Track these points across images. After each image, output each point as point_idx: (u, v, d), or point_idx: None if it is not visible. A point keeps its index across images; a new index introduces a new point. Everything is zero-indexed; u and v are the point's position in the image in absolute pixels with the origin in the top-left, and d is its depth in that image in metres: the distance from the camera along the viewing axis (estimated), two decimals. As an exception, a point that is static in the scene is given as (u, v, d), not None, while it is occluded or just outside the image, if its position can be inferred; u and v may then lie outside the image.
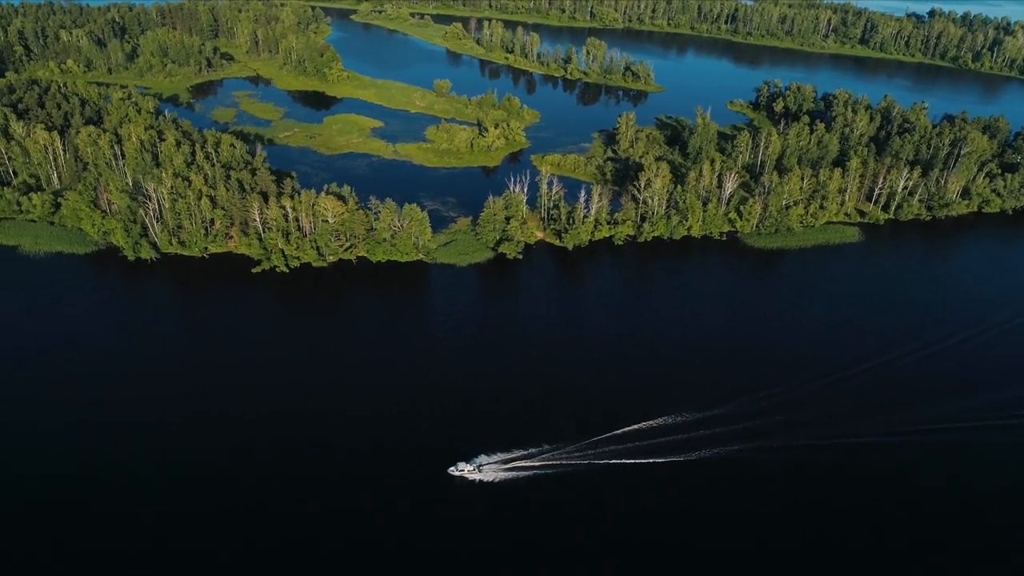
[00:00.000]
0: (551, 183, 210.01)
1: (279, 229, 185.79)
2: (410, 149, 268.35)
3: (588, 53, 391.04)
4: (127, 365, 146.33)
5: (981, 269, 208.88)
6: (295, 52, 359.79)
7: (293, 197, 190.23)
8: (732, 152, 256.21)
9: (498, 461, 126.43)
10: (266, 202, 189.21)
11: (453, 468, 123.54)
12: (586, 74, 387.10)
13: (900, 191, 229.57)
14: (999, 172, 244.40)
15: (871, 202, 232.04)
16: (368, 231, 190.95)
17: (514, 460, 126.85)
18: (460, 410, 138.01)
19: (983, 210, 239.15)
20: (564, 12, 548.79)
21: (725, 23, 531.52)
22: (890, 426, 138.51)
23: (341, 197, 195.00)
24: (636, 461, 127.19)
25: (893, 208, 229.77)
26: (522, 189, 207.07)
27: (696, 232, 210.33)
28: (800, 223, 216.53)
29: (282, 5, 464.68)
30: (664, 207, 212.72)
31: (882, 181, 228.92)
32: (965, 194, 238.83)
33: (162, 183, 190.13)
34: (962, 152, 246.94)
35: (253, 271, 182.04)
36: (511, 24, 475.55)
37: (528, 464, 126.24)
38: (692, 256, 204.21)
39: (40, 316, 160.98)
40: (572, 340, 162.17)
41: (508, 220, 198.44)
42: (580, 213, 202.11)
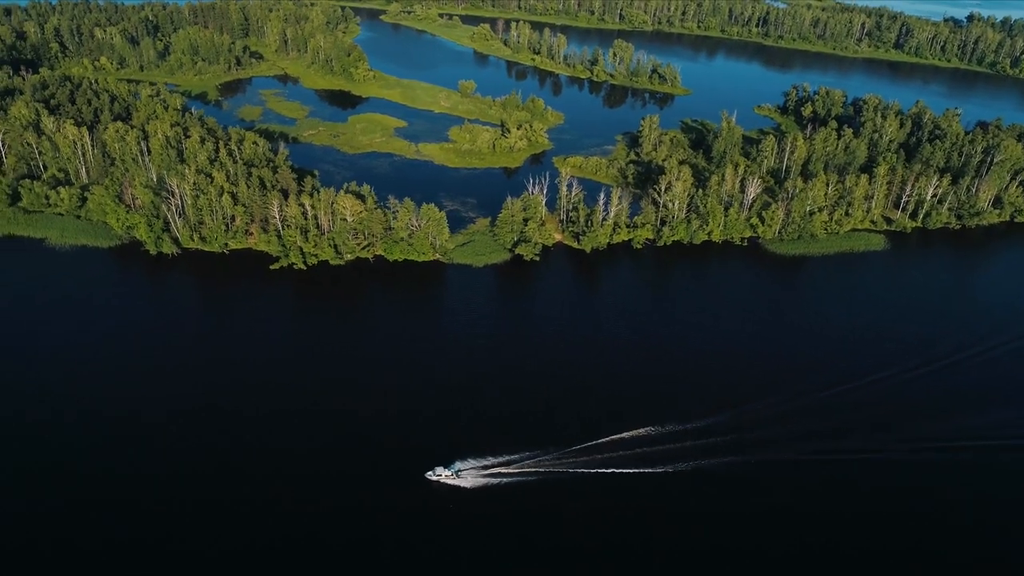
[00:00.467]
0: (571, 185, 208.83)
1: (298, 227, 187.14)
2: (432, 149, 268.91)
3: (615, 55, 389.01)
4: (141, 359, 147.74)
5: (1011, 280, 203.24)
6: (323, 51, 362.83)
7: (312, 195, 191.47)
8: (757, 156, 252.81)
9: (478, 467, 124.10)
10: (286, 200, 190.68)
11: (431, 473, 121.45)
12: (612, 76, 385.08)
13: (929, 199, 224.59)
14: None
15: (898, 209, 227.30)
16: (386, 230, 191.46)
17: (494, 466, 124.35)
18: (456, 413, 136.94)
19: (1015, 220, 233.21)
20: (593, 14, 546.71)
21: (756, 26, 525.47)
22: (898, 441, 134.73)
23: (360, 196, 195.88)
24: (621, 471, 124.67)
25: (921, 216, 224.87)
26: (541, 191, 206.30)
27: (717, 237, 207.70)
28: (824, 230, 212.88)
29: (312, 5, 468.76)
30: (684, 211, 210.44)
31: (910, 188, 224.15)
32: (997, 203, 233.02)
33: (185, 179, 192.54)
34: (995, 160, 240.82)
35: (271, 268, 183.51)
36: (539, 26, 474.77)
37: (508, 471, 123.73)
38: (712, 261, 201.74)
39: (61, 308, 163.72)
40: (583, 343, 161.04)
41: (526, 222, 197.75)
42: (599, 216, 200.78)
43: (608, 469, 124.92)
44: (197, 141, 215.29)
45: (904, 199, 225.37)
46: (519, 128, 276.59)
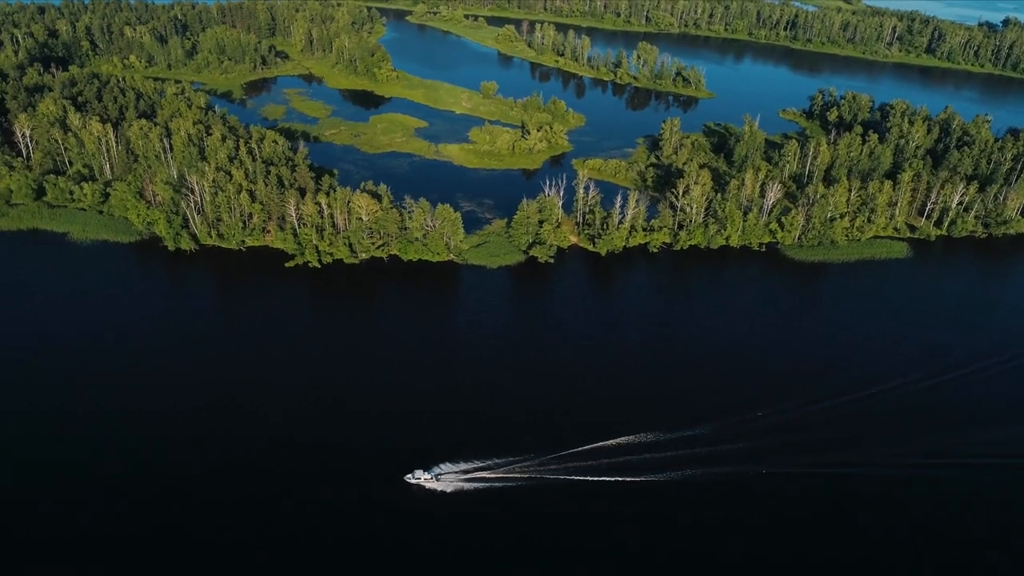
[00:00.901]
0: (588, 187, 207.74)
1: (313, 225, 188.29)
2: (452, 150, 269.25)
3: (639, 57, 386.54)
4: (154, 354, 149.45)
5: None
6: (347, 51, 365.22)
7: (328, 194, 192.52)
8: (779, 161, 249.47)
9: (459, 471, 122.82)
10: (303, 198, 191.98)
11: (410, 476, 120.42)
12: (636, 79, 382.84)
13: (955, 206, 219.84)
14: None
15: (923, 217, 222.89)
16: (401, 230, 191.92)
17: (476, 471, 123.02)
18: (454, 414, 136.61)
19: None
20: (619, 16, 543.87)
21: (784, 29, 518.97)
22: (893, 455, 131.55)
23: (376, 195, 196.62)
24: (603, 479, 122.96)
25: (946, 224, 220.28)
26: (557, 192, 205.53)
27: (735, 242, 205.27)
28: (845, 236, 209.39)
29: (338, 5, 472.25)
30: (703, 215, 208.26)
31: (936, 195, 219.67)
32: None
33: (204, 176, 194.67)
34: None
35: (286, 265, 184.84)
36: (563, 27, 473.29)
37: (490, 475, 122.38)
38: (728, 266, 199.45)
39: (79, 302, 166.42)
40: (591, 346, 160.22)
41: (541, 224, 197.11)
42: (615, 219, 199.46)
43: (592, 477, 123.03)
44: (218, 139, 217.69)
45: (929, 206, 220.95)
46: (539, 130, 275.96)
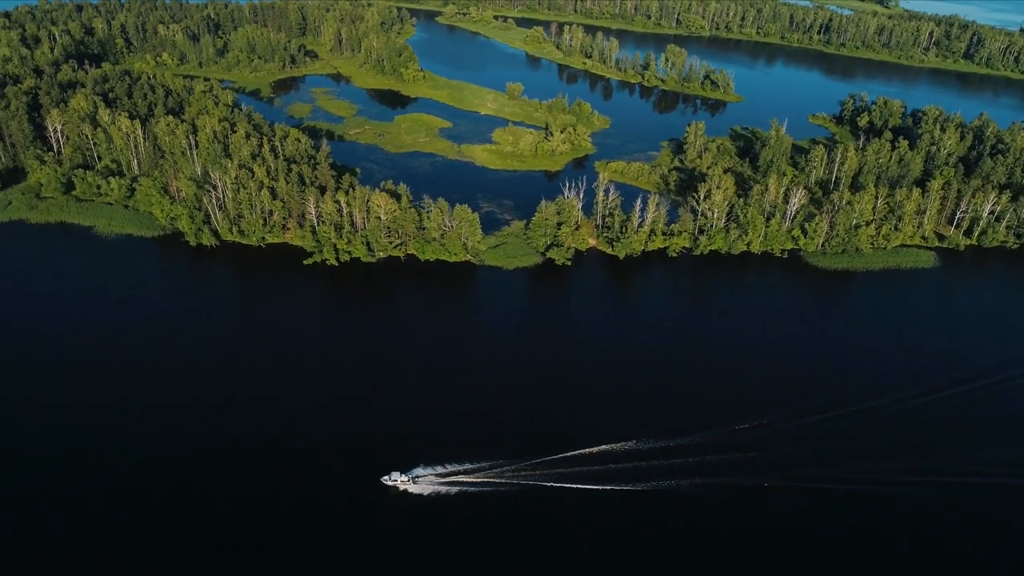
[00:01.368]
0: (608, 190, 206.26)
1: (332, 223, 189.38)
2: (474, 150, 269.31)
3: (667, 60, 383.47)
4: (166, 348, 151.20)
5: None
6: (375, 51, 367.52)
7: (348, 192, 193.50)
8: (805, 167, 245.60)
9: (437, 473, 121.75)
10: (323, 196, 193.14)
11: (387, 477, 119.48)
12: (663, 81, 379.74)
13: (986, 215, 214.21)
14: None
15: (952, 226, 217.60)
16: (418, 229, 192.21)
17: (454, 474, 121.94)
18: (451, 415, 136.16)
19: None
20: (649, 18, 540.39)
21: (818, 33, 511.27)
22: (891, 472, 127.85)
23: (395, 195, 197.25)
24: (582, 486, 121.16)
25: (976, 234, 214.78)
26: (577, 195, 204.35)
27: (756, 248, 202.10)
28: (870, 244, 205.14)
29: (368, 5, 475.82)
30: (724, 220, 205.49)
31: (966, 204, 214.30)
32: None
33: (227, 173, 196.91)
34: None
35: (304, 263, 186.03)
36: (592, 29, 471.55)
37: (468, 480, 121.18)
38: (749, 273, 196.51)
39: (101, 295, 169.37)
40: (605, 350, 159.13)
41: (559, 226, 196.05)
42: (635, 222, 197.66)
43: (571, 484, 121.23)
44: (242, 136, 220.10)
45: (959, 215, 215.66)
46: (562, 132, 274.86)
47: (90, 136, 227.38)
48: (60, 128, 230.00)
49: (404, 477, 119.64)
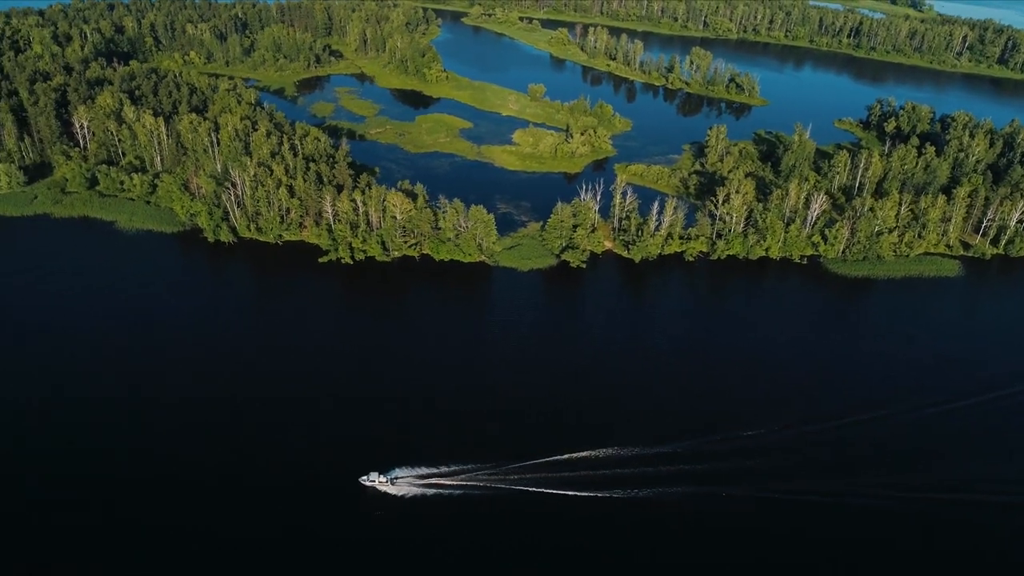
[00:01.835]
0: (625, 193, 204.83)
1: (348, 222, 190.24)
2: (494, 151, 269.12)
3: (692, 63, 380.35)
4: (177, 344, 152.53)
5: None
6: (399, 51, 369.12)
7: (364, 191, 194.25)
8: (828, 172, 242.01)
9: (416, 475, 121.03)
10: (340, 195, 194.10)
11: (365, 478, 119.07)
12: (688, 84, 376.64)
13: (1014, 224, 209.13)
14: None
15: (978, 234, 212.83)
16: (434, 229, 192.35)
17: (434, 476, 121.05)
18: (446, 415, 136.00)
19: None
20: (676, 21, 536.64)
21: (848, 37, 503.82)
22: (880, 486, 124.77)
23: (412, 194, 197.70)
24: (559, 492, 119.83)
25: (1003, 243, 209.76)
26: (594, 197, 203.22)
27: (775, 253, 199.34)
28: (893, 252, 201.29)
29: (395, 6, 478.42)
30: (742, 225, 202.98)
31: (993, 212, 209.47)
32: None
33: (246, 171, 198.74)
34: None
35: (320, 260, 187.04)
36: (617, 31, 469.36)
37: (447, 482, 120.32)
38: (766, 279, 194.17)
39: (117, 290, 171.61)
40: (609, 355, 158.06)
41: (575, 228, 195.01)
42: (651, 225, 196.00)
43: (551, 489, 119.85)
44: (263, 135, 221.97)
45: (985, 223, 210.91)
46: (582, 134, 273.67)
47: (115, 132, 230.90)
48: (86, 124, 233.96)
49: (382, 478, 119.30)
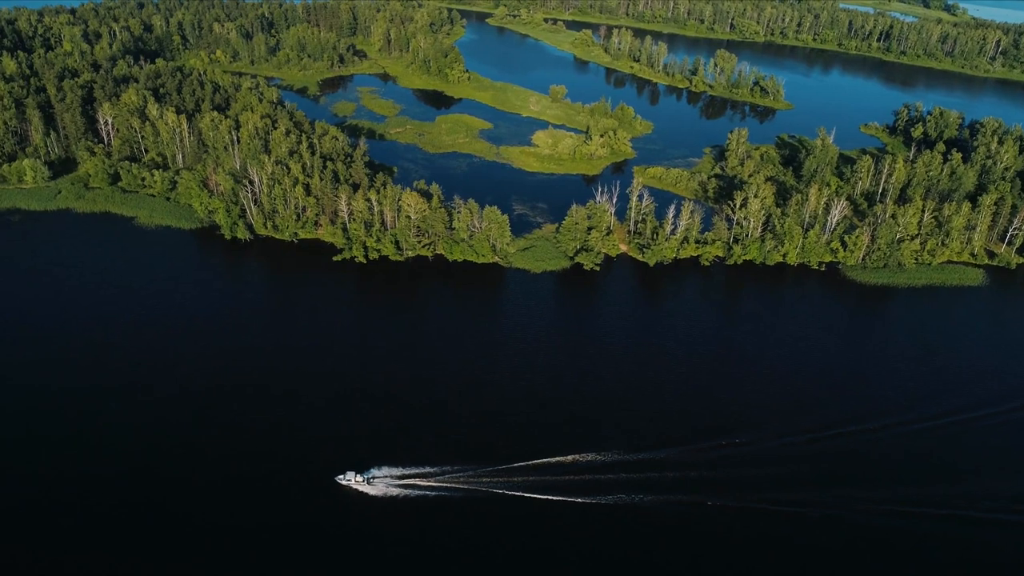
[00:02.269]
0: (641, 196, 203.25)
1: (362, 221, 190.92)
2: (512, 152, 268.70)
3: (716, 65, 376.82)
4: (187, 339, 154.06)
5: None
6: (422, 52, 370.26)
7: (379, 191, 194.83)
8: (851, 177, 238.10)
9: (393, 475, 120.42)
10: (355, 193, 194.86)
11: (341, 476, 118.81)
12: (711, 87, 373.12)
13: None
14: None
15: (1004, 243, 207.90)
16: (448, 229, 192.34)
17: (410, 477, 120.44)
18: (443, 415, 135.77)
19: None
20: (702, 23, 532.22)
21: (877, 40, 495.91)
22: (868, 501, 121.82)
23: (427, 194, 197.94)
24: (539, 496, 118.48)
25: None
26: (610, 200, 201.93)
27: (792, 259, 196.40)
28: (914, 259, 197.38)
29: (419, 6, 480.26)
30: (760, 230, 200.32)
31: (1020, 221, 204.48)
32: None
33: (264, 169, 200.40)
34: None
35: (334, 259, 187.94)
36: (642, 33, 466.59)
37: (423, 483, 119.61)
38: (782, 285, 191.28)
39: (131, 285, 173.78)
40: (614, 358, 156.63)
41: (590, 230, 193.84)
42: (667, 229, 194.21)
43: (527, 493, 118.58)
44: (282, 133, 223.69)
45: (1011, 232, 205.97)
46: (602, 136, 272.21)
47: (138, 129, 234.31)
48: (111, 121, 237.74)
49: (359, 477, 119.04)
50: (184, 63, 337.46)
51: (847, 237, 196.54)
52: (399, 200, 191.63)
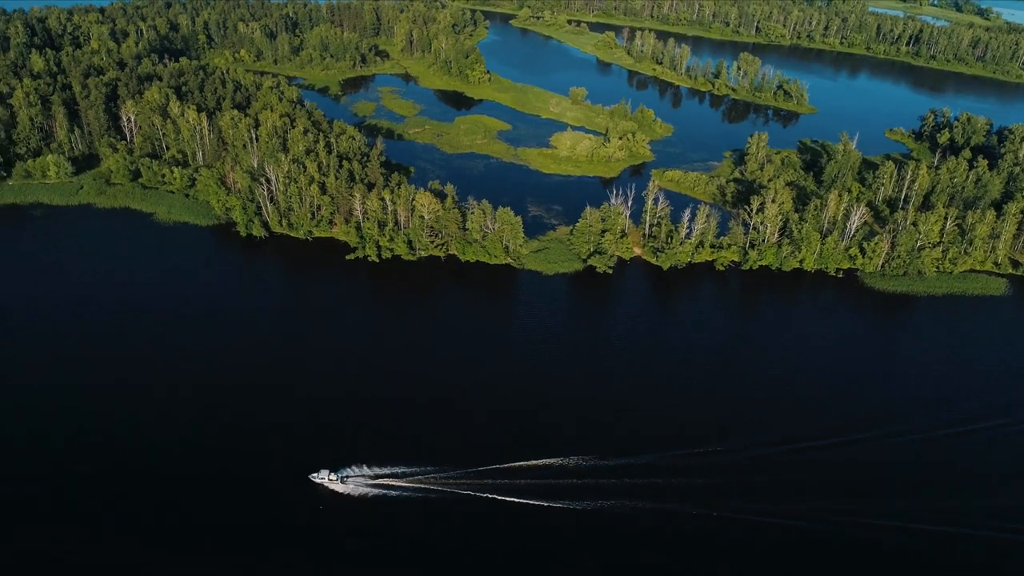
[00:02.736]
0: (657, 199, 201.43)
1: (376, 220, 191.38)
2: (530, 154, 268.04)
3: (739, 68, 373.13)
4: (195, 336, 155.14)
5: None
6: (443, 52, 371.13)
7: (393, 190, 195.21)
8: (873, 183, 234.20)
9: (367, 475, 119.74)
10: (370, 193, 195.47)
11: (315, 475, 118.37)
12: (734, 90, 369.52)
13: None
14: None
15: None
16: (461, 230, 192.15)
17: (385, 477, 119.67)
18: (436, 415, 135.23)
19: None
20: (727, 26, 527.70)
21: (906, 45, 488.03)
22: (845, 513, 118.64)
23: (441, 194, 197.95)
24: (511, 499, 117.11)
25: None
26: (625, 203, 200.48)
27: (809, 266, 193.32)
28: (935, 268, 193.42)
29: (443, 7, 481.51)
30: (777, 235, 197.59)
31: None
32: None
33: (280, 167, 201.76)
34: None
35: (347, 258, 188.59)
36: (667, 35, 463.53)
37: (398, 484, 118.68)
38: (798, 291, 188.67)
39: (147, 280, 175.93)
40: (618, 363, 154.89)
41: (604, 233, 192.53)
42: (682, 233, 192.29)
43: (505, 496, 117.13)
44: (300, 132, 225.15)
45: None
46: (620, 138, 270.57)
47: (160, 127, 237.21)
48: (133, 118, 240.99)
49: (333, 476, 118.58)
50: (208, 62, 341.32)
51: (866, 244, 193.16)
52: (413, 200, 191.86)
